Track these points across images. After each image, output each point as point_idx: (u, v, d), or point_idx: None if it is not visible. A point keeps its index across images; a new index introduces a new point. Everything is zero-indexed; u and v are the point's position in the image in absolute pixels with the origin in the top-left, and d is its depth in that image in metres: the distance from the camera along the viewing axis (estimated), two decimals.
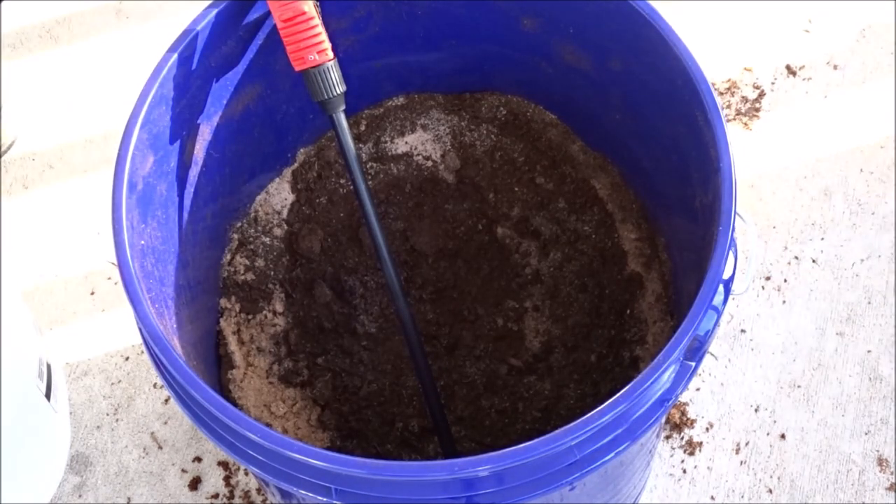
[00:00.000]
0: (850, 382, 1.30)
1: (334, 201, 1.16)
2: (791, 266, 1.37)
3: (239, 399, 1.04)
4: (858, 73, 1.52)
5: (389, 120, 1.17)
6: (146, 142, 0.89)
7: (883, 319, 1.33)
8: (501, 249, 1.16)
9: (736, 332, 1.33)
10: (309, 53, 0.93)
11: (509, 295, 1.14)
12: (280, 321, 1.10)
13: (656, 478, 1.25)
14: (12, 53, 1.60)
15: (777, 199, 1.42)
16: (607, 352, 1.08)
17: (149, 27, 1.61)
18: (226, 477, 1.26)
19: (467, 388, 1.10)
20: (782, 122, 1.48)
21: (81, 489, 1.27)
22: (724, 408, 1.29)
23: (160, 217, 0.92)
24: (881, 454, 1.25)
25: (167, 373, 0.82)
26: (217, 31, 0.93)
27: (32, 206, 1.47)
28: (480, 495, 0.77)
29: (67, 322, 1.38)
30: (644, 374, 0.77)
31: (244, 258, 1.11)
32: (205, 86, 0.96)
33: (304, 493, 0.79)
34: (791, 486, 1.24)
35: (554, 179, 1.15)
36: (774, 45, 1.54)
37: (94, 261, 1.41)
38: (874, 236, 1.39)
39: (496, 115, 1.17)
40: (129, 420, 1.31)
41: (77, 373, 1.34)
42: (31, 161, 1.50)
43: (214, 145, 1.01)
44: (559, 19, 1.02)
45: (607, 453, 0.79)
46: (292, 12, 0.92)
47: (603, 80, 1.04)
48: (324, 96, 0.95)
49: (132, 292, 0.82)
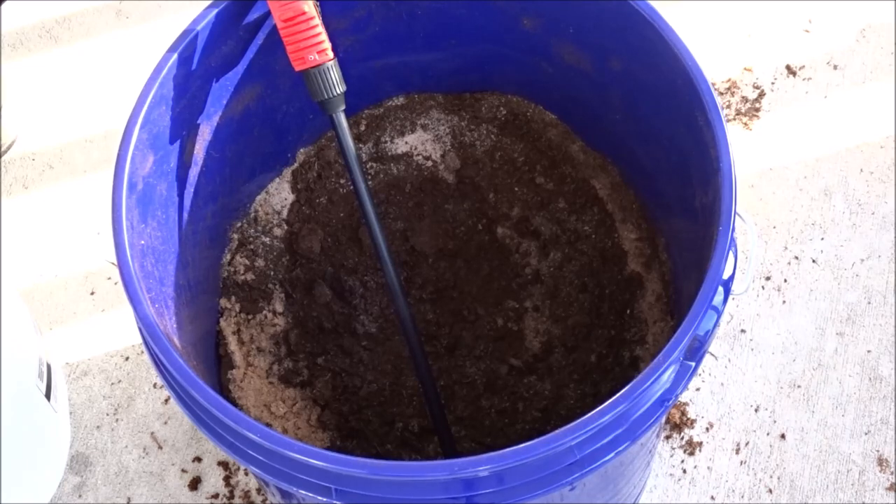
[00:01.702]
0: (850, 382, 1.30)
1: (334, 201, 1.16)
2: (791, 266, 1.37)
3: (239, 399, 1.04)
4: (858, 73, 1.52)
5: (389, 120, 1.17)
6: (146, 142, 0.89)
7: (883, 319, 1.33)
8: (501, 249, 1.16)
9: (736, 332, 1.33)
10: (309, 53, 0.93)
11: (509, 295, 1.14)
12: (280, 321, 1.10)
13: (656, 478, 1.25)
14: (12, 53, 1.60)
15: (777, 199, 1.42)
16: (607, 352, 1.08)
17: (149, 27, 1.61)
18: (226, 477, 1.26)
19: (467, 388, 1.10)
20: (782, 122, 1.48)
21: (81, 489, 1.27)
22: (724, 408, 1.29)
23: (160, 217, 0.92)
24: (881, 454, 1.25)
25: (167, 373, 0.82)
26: (217, 31, 0.93)
27: (32, 206, 1.47)
28: (480, 495, 0.77)
29: (67, 322, 1.38)
30: (644, 374, 0.77)
31: (244, 258, 1.11)
32: (205, 86, 0.96)
33: (304, 493, 0.79)
34: (791, 486, 1.24)
35: (554, 179, 1.15)
36: (774, 45, 1.54)
37: (94, 261, 1.41)
38: (874, 236, 1.39)
39: (496, 115, 1.17)
40: (129, 420, 1.31)
41: (77, 373, 1.34)
42: (31, 161, 1.50)
43: (214, 145, 1.01)
44: (559, 19, 1.02)
45: (607, 453, 0.79)
46: (292, 12, 0.92)
47: (603, 80, 1.04)
48: (324, 96, 0.95)
49: (132, 292, 0.82)
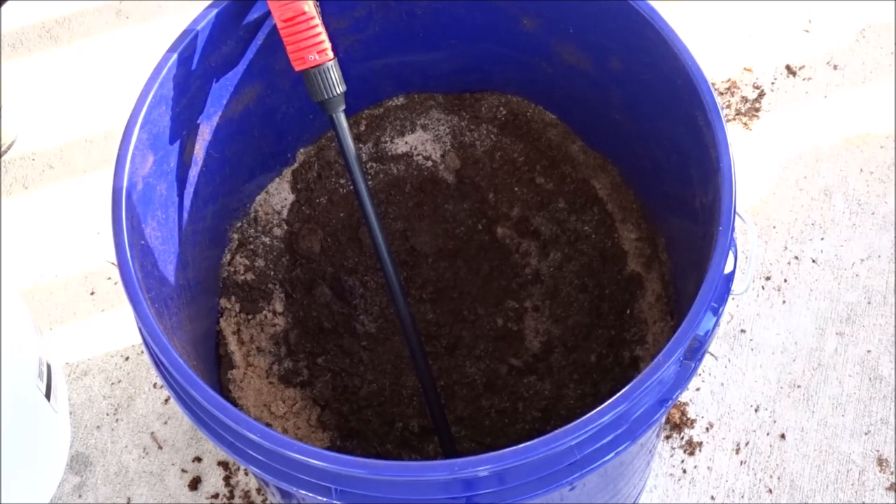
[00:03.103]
0: (850, 382, 1.30)
1: (334, 201, 1.16)
2: (791, 266, 1.37)
3: (239, 399, 1.04)
4: (858, 73, 1.52)
5: (389, 120, 1.17)
6: (146, 142, 0.89)
7: (883, 319, 1.33)
8: (501, 249, 1.16)
9: (736, 332, 1.33)
10: (309, 53, 0.93)
11: (509, 295, 1.14)
12: (280, 321, 1.10)
13: (656, 478, 1.25)
14: (12, 53, 1.60)
15: (777, 199, 1.42)
16: (607, 352, 1.08)
17: (149, 27, 1.61)
18: (226, 477, 1.26)
19: (467, 388, 1.10)
20: (782, 122, 1.48)
21: (81, 489, 1.27)
22: (724, 408, 1.29)
23: (160, 217, 0.92)
24: (881, 454, 1.25)
25: (167, 373, 0.82)
26: (217, 31, 0.93)
27: (32, 206, 1.47)
28: (480, 495, 0.77)
29: (67, 322, 1.38)
30: (644, 374, 0.77)
31: (244, 258, 1.11)
32: (205, 86, 0.96)
33: (304, 493, 0.79)
34: (791, 486, 1.24)
35: (554, 179, 1.15)
36: (774, 45, 1.54)
37: (94, 261, 1.41)
38: (874, 236, 1.39)
39: (496, 115, 1.17)
40: (129, 420, 1.31)
41: (77, 373, 1.34)
42: (31, 161, 1.50)
43: (214, 145, 1.01)
44: (559, 19, 1.02)
45: (607, 453, 0.79)
46: (292, 12, 0.92)
47: (603, 80, 1.04)
48: (324, 96, 0.95)
49: (132, 292, 0.82)
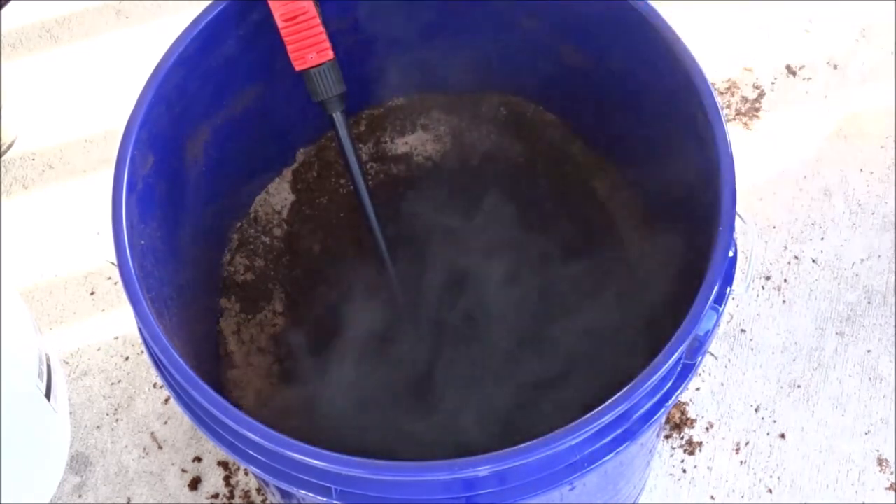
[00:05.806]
0: (850, 382, 1.30)
1: (334, 201, 1.16)
2: (791, 266, 1.37)
3: (239, 399, 1.04)
4: (858, 73, 1.51)
5: (389, 120, 1.17)
6: (146, 142, 0.89)
7: (883, 319, 1.33)
8: None
9: (736, 332, 1.33)
10: (309, 53, 0.93)
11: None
12: (280, 321, 1.10)
13: (656, 478, 1.24)
14: (12, 53, 1.60)
15: (777, 199, 1.42)
16: None
17: (149, 27, 1.61)
18: (226, 477, 1.26)
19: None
20: (782, 122, 1.48)
21: (81, 489, 1.27)
22: (724, 408, 1.29)
23: (160, 217, 0.92)
24: (881, 454, 1.25)
25: (167, 373, 0.82)
26: (217, 31, 0.93)
27: (32, 206, 1.47)
28: (481, 495, 0.77)
29: (67, 322, 1.38)
30: (644, 374, 0.76)
31: (244, 258, 1.11)
32: (205, 86, 0.96)
33: (304, 493, 0.79)
34: (791, 486, 1.24)
35: (554, 179, 1.15)
36: (774, 45, 1.54)
37: (94, 261, 1.41)
38: (874, 236, 1.39)
39: (496, 115, 1.17)
40: (129, 420, 1.31)
41: (77, 373, 1.34)
42: (31, 161, 1.50)
43: (214, 145, 1.01)
44: (559, 19, 1.02)
45: (607, 453, 0.79)
46: (293, 11, 0.92)
47: (603, 80, 1.04)
48: (324, 96, 0.95)
49: (132, 292, 0.81)
